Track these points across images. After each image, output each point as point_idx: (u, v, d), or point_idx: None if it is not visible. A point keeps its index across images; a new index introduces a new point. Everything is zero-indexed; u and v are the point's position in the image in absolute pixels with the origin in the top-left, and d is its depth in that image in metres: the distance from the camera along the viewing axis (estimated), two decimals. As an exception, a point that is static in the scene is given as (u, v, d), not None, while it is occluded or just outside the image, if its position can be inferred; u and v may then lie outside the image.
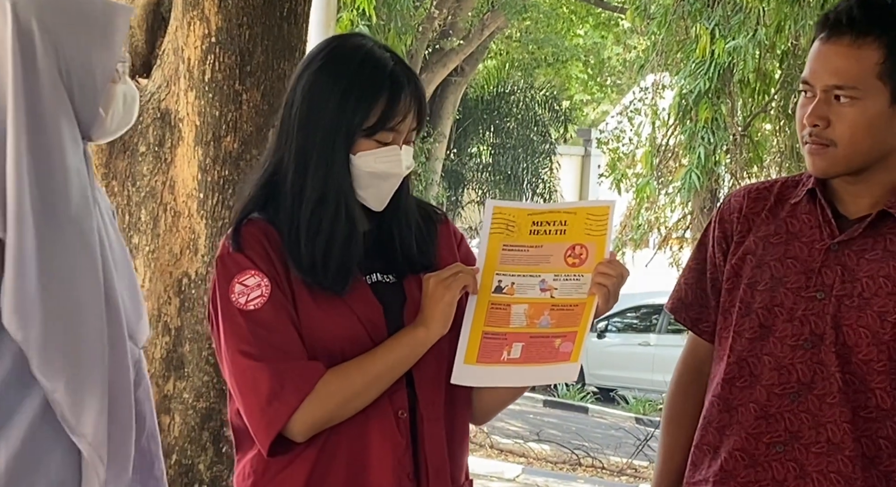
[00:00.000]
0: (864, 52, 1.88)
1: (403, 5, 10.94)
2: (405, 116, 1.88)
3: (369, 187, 1.89)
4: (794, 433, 1.93)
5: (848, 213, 1.97)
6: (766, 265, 1.98)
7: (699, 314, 2.10)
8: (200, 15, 3.32)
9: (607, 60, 19.11)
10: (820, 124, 1.90)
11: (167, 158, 3.42)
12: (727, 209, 2.08)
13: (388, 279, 1.92)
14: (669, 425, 2.15)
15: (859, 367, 1.90)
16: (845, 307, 1.91)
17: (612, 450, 9.66)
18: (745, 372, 1.98)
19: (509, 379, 1.90)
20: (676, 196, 10.38)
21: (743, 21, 8.81)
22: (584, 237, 1.87)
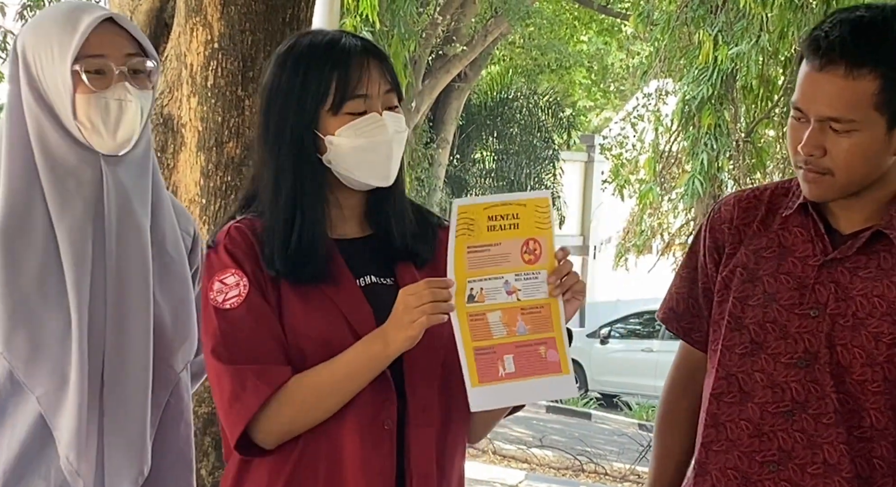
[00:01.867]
0: (860, 84, 1.83)
1: (407, 11, 10.95)
2: (363, 77, 1.83)
3: (361, 162, 1.84)
4: (788, 452, 1.90)
5: (840, 228, 1.93)
6: (759, 280, 1.95)
7: (691, 323, 2.07)
8: (203, 21, 3.32)
9: (610, 66, 19.13)
10: (816, 154, 1.86)
11: (170, 163, 3.43)
12: (717, 219, 2.04)
13: (385, 281, 1.89)
14: (661, 433, 2.14)
15: (854, 387, 1.87)
16: (839, 327, 1.88)
17: (615, 456, 9.65)
18: (735, 388, 1.95)
19: (516, 397, 1.85)
20: (679, 202, 10.39)
21: (746, 27, 8.82)
22: (535, 231, 1.82)
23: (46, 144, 1.82)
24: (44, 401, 1.79)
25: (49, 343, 1.79)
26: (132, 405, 1.84)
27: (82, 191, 1.82)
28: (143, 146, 1.89)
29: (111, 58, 1.82)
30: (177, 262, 1.93)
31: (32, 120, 1.83)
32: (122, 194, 1.85)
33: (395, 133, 1.85)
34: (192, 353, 1.96)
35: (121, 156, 1.85)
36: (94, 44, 1.81)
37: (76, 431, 1.78)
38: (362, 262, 1.89)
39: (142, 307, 1.85)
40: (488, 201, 1.84)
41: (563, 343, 1.83)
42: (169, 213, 1.95)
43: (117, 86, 1.82)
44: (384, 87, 1.85)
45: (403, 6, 10.79)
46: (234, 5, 3.31)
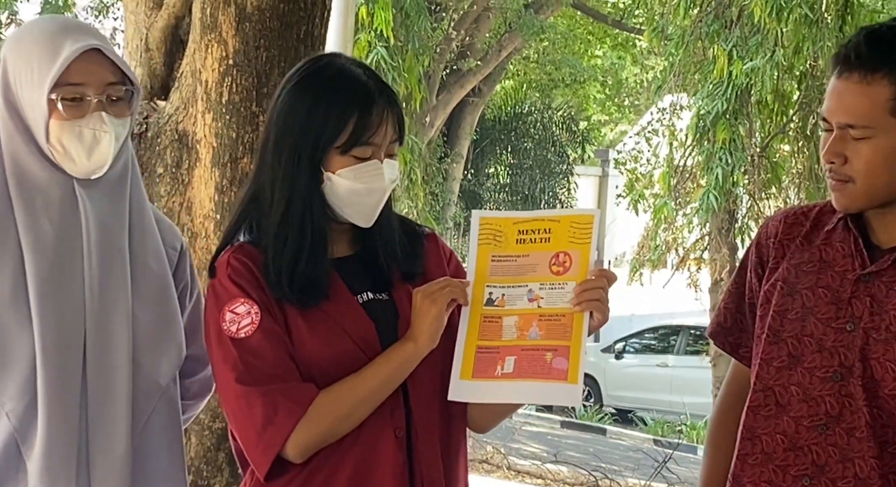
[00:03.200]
0: (875, 89, 1.86)
1: (421, 27, 10.98)
2: (380, 128, 1.86)
3: (353, 204, 1.88)
4: (822, 466, 1.90)
5: (880, 243, 1.94)
6: (798, 294, 1.96)
7: (738, 338, 2.08)
8: (218, 37, 3.34)
9: (625, 81, 19.13)
10: (836, 161, 1.89)
11: (184, 179, 3.44)
12: (764, 234, 2.06)
13: (381, 297, 1.92)
14: (709, 449, 2.13)
15: (886, 401, 1.87)
16: (873, 341, 1.88)
17: (630, 472, 9.61)
18: (772, 401, 1.96)
19: (505, 395, 1.88)
20: (694, 217, 10.35)
21: (761, 42, 8.80)
22: (567, 245, 1.86)
23: (17, 160, 1.82)
24: (13, 417, 1.77)
25: (19, 358, 1.77)
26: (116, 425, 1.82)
27: (50, 210, 1.81)
28: (119, 167, 1.88)
29: (90, 86, 1.81)
30: (159, 277, 1.92)
31: (6, 134, 1.83)
32: (98, 215, 1.84)
33: (390, 182, 1.89)
34: (177, 365, 1.94)
35: (94, 179, 1.84)
36: (74, 72, 1.79)
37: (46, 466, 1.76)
38: (358, 279, 1.92)
39: (122, 324, 1.84)
40: (518, 216, 1.91)
41: (577, 354, 1.84)
42: (151, 229, 1.93)
43: (93, 115, 1.81)
44: (393, 136, 1.89)
45: (418, 21, 10.82)
46: (248, 22, 3.33)
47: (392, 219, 1.96)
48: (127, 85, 1.87)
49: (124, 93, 1.86)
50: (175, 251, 1.98)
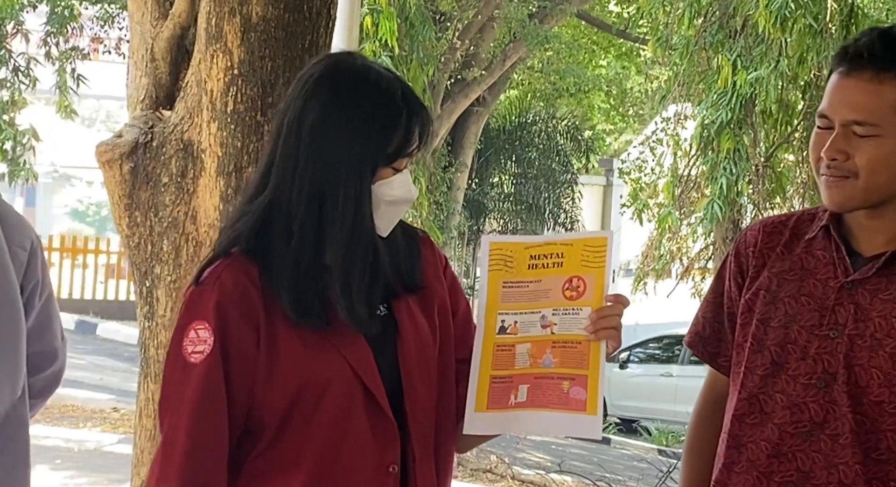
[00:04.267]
0: (885, 88, 1.87)
1: (426, 36, 10.99)
2: (419, 141, 1.84)
3: (385, 215, 1.83)
4: (806, 473, 1.91)
5: (862, 250, 1.95)
6: (780, 302, 1.96)
7: (717, 348, 2.08)
8: (223, 47, 3.35)
9: (629, 91, 19.13)
10: (839, 158, 1.89)
11: (189, 188, 3.45)
12: (743, 243, 2.06)
13: (380, 311, 1.86)
14: (689, 458, 2.14)
15: (871, 408, 1.88)
16: (857, 347, 1.89)
17: (634, 482, 9.59)
18: (756, 409, 1.96)
19: (522, 426, 1.85)
20: (699, 227, 10.35)
21: (765, 52, 8.82)
22: (581, 269, 1.82)
23: None
24: None
25: None
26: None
27: None
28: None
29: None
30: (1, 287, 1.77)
31: None
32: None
33: (415, 194, 1.86)
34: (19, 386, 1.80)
35: None
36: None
37: None
38: None
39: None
40: (529, 241, 1.86)
41: (595, 384, 1.80)
42: None
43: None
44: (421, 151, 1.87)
45: (422, 31, 10.84)
46: (253, 32, 3.34)
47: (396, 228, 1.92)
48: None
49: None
50: (24, 251, 1.84)
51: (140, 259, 3.49)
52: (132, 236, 3.50)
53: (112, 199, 3.55)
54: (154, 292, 3.45)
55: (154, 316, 3.45)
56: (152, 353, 3.46)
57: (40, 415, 9.03)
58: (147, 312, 3.47)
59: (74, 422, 9.52)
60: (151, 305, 3.46)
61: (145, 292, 3.48)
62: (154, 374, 3.45)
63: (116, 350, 14.07)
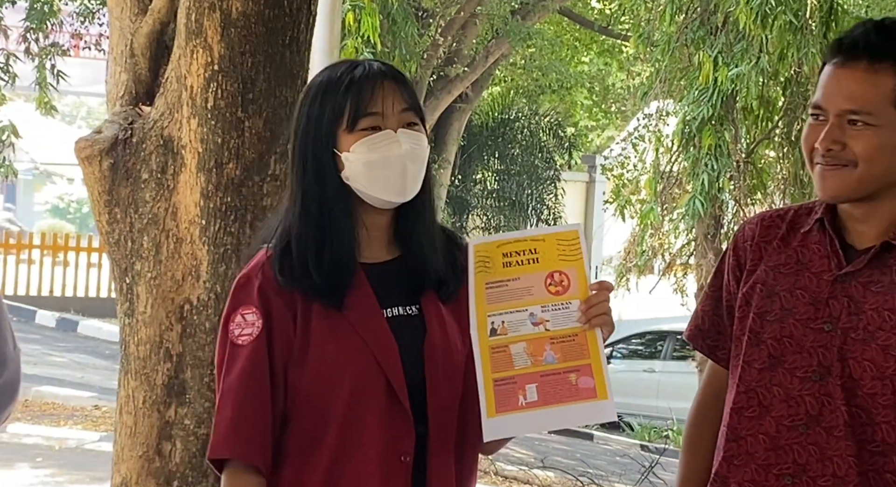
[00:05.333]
0: (880, 78, 1.88)
1: (408, 33, 10.98)
2: (378, 96, 1.86)
3: (376, 179, 1.86)
4: (803, 465, 1.92)
5: (855, 243, 1.96)
6: (777, 295, 1.97)
7: (716, 341, 2.09)
8: (203, 43, 3.34)
9: (612, 87, 19.16)
10: (835, 148, 1.90)
11: (169, 184, 3.43)
12: (741, 237, 2.07)
13: (410, 311, 1.90)
14: (687, 452, 2.15)
15: (865, 400, 1.89)
16: (851, 340, 1.90)
17: (617, 477, 9.61)
18: (755, 402, 1.97)
19: (538, 424, 1.87)
20: (680, 223, 10.37)
21: (746, 49, 8.84)
22: (559, 264, 1.85)
23: None
24: None
25: None
26: None
27: None
28: None
29: None
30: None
31: None
32: None
33: (410, 149, 1.86)
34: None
35: None
36: None
37: None
38: (389, 289, 1.90)
39: None
40: (501, 239, 1.89)
41: (600, 370, 1.85)
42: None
43: None
44: (400, 105, 1.88)
45: (404, 28, 10.83)
46: (233, 28, 3.33)
47: (434, 224, 1.95)
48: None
49: None
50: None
51: (120, 256, 3.48)
52: (112, 233, 3.49)
53: (92, 195, 3.54)
54: (134, 289, 3.44)
55: (134, 313, 3.44)
56: (133, 350, 3.45)
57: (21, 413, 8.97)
58: (127, 309, 3.46)
59: (55, 420, 9.47)
60: (132, 302, 3.45)
61: (125, 289, 3.46)
62: (134, 370, 3.44)
63: (98, 348, 14.01)
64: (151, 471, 3.40)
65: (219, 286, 3.35)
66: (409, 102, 1.89)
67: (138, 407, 3.42)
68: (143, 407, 3.43)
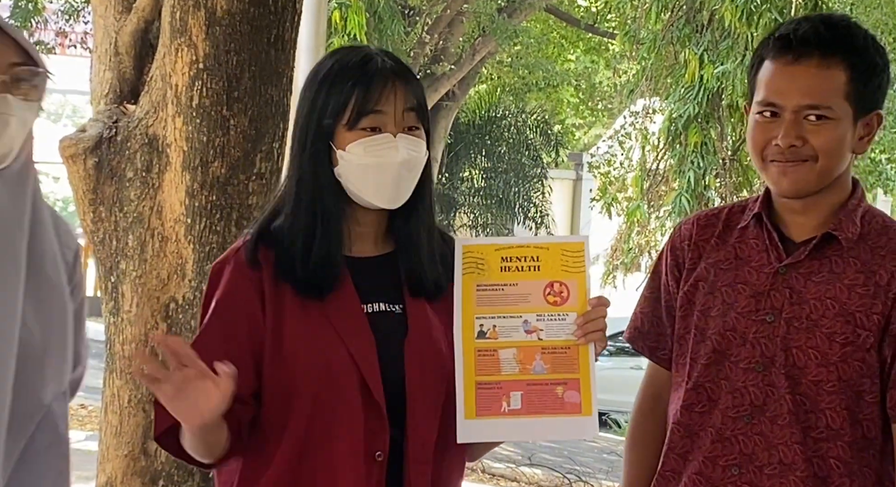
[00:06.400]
0: (833, 73, 1.90)
1: (395, 31, 10.99)
2: (385, 96, 1.83)
3: (368, 182, 1.84)
4: (749, 455, 1.94)
5: (793, 236, 1.99)
6: (718, 291, 1.99)
7: (656, 342, 2.11)
8: (188, 41, 3.33)
9: (598, 85, 19.18)
10: (797, 144, 1.91)
11: (154, 183, 3.43)
12: (678, 237, 2.09)
13: (394, 309, 1.88)
14: (631, 452, 2.17)
15: (809, 388, 1.92)
16: (794, 330, 1.93)
17: (604, 474, 9.63)
18: (704, 398, 1.99)
19: (516, 432, 1.88)
20: (667, 220, 10.40)
21: (731, 46, 8.87)
22: (561, 274, 1.84)
23: None
24: None
25: None
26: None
27: None
28: (21, 161, 1.71)
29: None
30: (55, 284, 1.78)
31: None
32: None
33: (408, 156, 1.84)
34: (64, 381, 1.81)
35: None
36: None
37: None
38: (373, 285, 1.88)
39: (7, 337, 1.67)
40: (499, 243, 1.87)
41: (588, 385, 1.84)
42: (48, 230, 1.78)
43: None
44: (405, 106, 1.85)
45: (391, 25, 10.83)
46: (218, 26, 3.32)
47: (430, 218, 1.92)
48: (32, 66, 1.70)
49: (30, 75, 1.69)
50: (71, 252, 1.84)
51: (105, 255, 3.47)
52: (97, 232, 3.48)
53: (76, 194, 3.53)
54: (119, 288, 3.43)
55: (119, 312, 3.44)
56: (117, 349, 3.44)
57: (6, 413, 8.83)
58: (112, 307, 3.45)
59: (42, 420, 9.44)
60: (117, 301, 3.44)
61: (110, 288, 3.46)
62: (119, 370, 3.44)
63: (84, 347, 13.96)
64: (137, 470, 3.39)
65: (204, 285, 3.34)
66: (415, 105, 1.86)
67: (123, 406, 3.42)
68: (129, 406, 3.42)
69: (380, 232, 1.91)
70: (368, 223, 1.90)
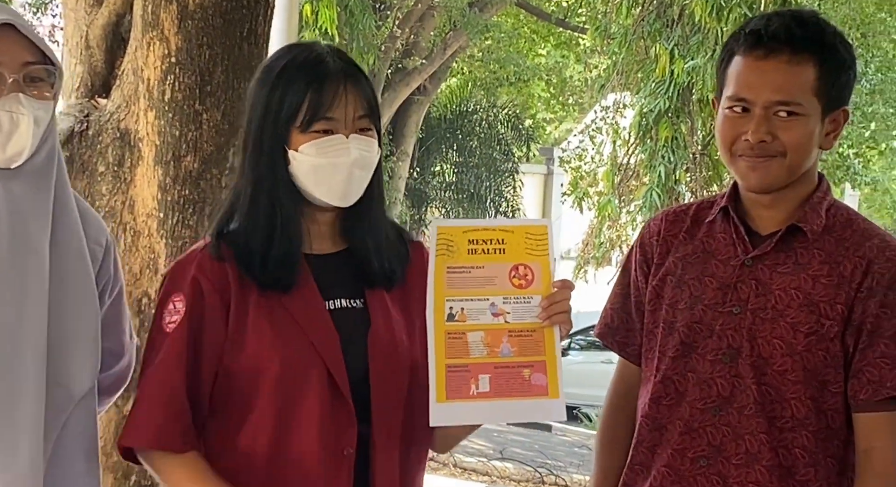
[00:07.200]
0: (803, 69, 1.92)
1: (366, 25, 10.96)
2: (337, 101, 1.85)
3: (321, 181, 1.86)
4: (717, 446, 1.97)
5: (759, 229, 2.02)
6: (686, 285, 2.02)
7: (626, 337, 2.14)
8: (160, 35, 3.32)
9: (569, 79, 19.22)
10: (767, 139, 1.94)
11: (127, 177, 3.41)
12: (647, 233, 2.12)
13: (355, 304, 1.90)
14: (603, 447, 2.19)
15: (774, 378, 1.94)
16: (760, 320, 1.96)
17: (575, 468, 9.67)
18: (672, 390, 2.02)
19: (486, 415, 1.87)
20: (638, 214, 10.44)
21: (701, 41, 8.91)
22: (525, 257, 1.86)
23: None
24: None
25: None
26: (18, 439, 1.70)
27: None
28: (43, 156, 1.75)
29: (5, 66, 1.68)
30: (81, 277, 1.82)
31: None
32: (15, 209, 1.72)
33: (360, 156, 1.86)
34: (94, 373, 1.85)
35: (14, 168, 1.71)
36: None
37: None
38: (333, 281, 1.90)
39: (35, 331, 1.72)
40: (468, 225, 1.89)
41: (554, 368, 1.87)
42: (75, 224, 1.82)
43: (9, 97, 1.69)
44: (357, 111, 1.87)
45: (362, 20, 10.81)
46: (191, 20, 3.31)
47: (382, 213, 1.95)
48: (47, 65, 1.73)
49: (45, 73, 1.72)
50: (100, 247, 1.89)
51: (76, 249, 3.45)
52: (68, 226, 3.47)
53: (47, 188, 3.51)
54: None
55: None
56: (90, 344, 3.42)
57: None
58: (84, 303, 3.44)
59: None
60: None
61: (82, 283, 3.44)
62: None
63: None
64: (109, 466, 3.38)
65: (177, 280, 3.33)
66: (366, 108, 1.89)
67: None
68: (101, 402, 3.40)
69: (337, 229, 1.93)
70: (325, 221, 1.92)
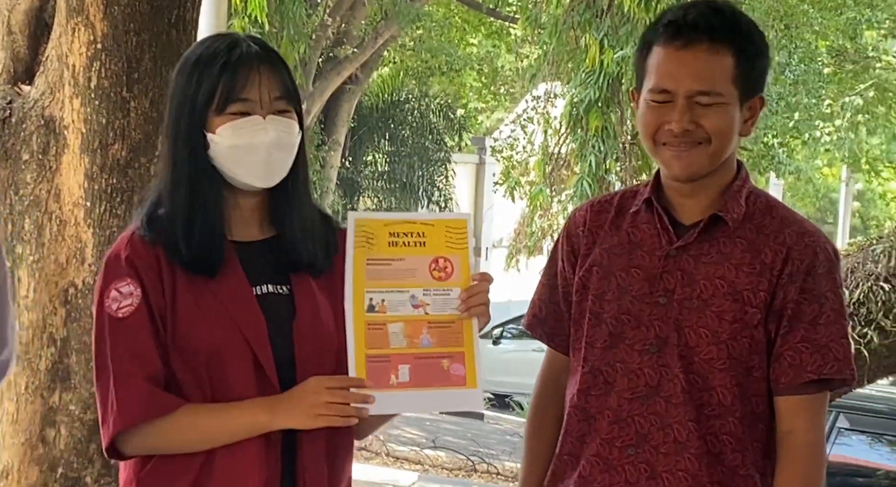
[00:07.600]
0: (721, 58, 1.95)
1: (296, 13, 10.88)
2: (251, 82, 1.87)
3: (240, 162, 1.87)
4: (644, 435, 1.99)
5: (683, 219, 2.04)
6: (613, 276, 2.05)
7: (554, 328, 2.16)
8: (85, 21, 3.26)
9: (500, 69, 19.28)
10: (691, 128, 1.96)
11: (52, 166, 3.36)
12: (573, 224, 2.14)
13: (281, 290, 1.91)
14: (531, 437, 2.21)
15: (701, 366, 1.97)
16: (686, 310, 1.99)
17: (507, 456, 9.74)
18: (600, 381, 2.04)
19: (407, 405, 1.89)
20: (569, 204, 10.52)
21: (631, 32, 8.99)
22: (445, 250, 1.89)
23: None
24: None
25: None
26: None
27: None
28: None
29: None
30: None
31: None
32: None
33: (277, 137, 1.87)
34: None
35: None
36: None
37: None
38: (260, 268, 1.91)
39: None
40: (389, 218, 1.92)
41: (472, 359, 1.89)
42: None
43: None
44: (273, 93, 1.88)
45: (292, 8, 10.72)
46: (117, 5, 3.26)
47: (308, 198, 1.96)
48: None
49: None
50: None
51: (0, 239, 3.39)
52: (-9, 215, 3.40)
53: (-31, 177, 3.43)
54: (15, 273, 3.36)
55: (16, 297, 3.36)
56: (15, 335, 3.36)
57: None
58: (9, 293, 3.38)
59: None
60: (13, 286, 3.36)
61: (6, 273, 3.38)
62: (17, 356, 3.36)
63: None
64: (35, 458, 3.33)
65: (104, 269, 3.29)
66: (283, 90, 1.90)
67: (20, 393, 3.35)
68: (26, 393, 3.35)
69: (263, 216, 1.94)
70: (249, 207, 1.93)
